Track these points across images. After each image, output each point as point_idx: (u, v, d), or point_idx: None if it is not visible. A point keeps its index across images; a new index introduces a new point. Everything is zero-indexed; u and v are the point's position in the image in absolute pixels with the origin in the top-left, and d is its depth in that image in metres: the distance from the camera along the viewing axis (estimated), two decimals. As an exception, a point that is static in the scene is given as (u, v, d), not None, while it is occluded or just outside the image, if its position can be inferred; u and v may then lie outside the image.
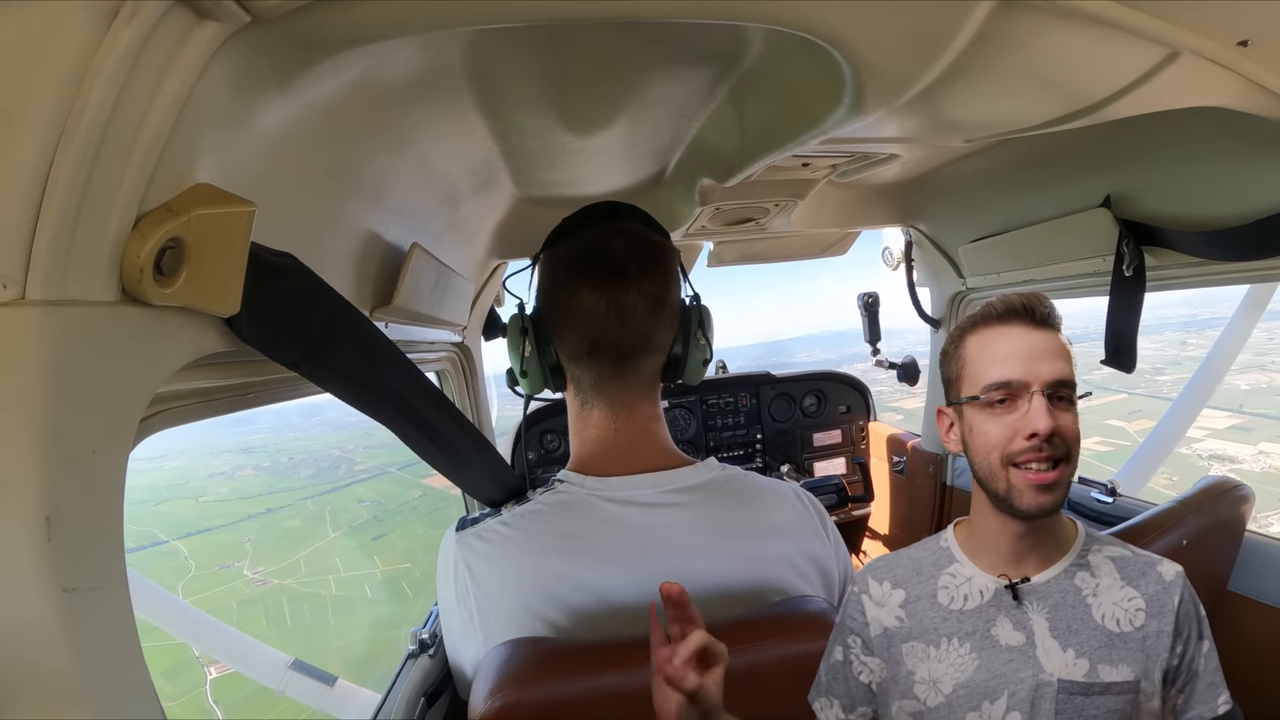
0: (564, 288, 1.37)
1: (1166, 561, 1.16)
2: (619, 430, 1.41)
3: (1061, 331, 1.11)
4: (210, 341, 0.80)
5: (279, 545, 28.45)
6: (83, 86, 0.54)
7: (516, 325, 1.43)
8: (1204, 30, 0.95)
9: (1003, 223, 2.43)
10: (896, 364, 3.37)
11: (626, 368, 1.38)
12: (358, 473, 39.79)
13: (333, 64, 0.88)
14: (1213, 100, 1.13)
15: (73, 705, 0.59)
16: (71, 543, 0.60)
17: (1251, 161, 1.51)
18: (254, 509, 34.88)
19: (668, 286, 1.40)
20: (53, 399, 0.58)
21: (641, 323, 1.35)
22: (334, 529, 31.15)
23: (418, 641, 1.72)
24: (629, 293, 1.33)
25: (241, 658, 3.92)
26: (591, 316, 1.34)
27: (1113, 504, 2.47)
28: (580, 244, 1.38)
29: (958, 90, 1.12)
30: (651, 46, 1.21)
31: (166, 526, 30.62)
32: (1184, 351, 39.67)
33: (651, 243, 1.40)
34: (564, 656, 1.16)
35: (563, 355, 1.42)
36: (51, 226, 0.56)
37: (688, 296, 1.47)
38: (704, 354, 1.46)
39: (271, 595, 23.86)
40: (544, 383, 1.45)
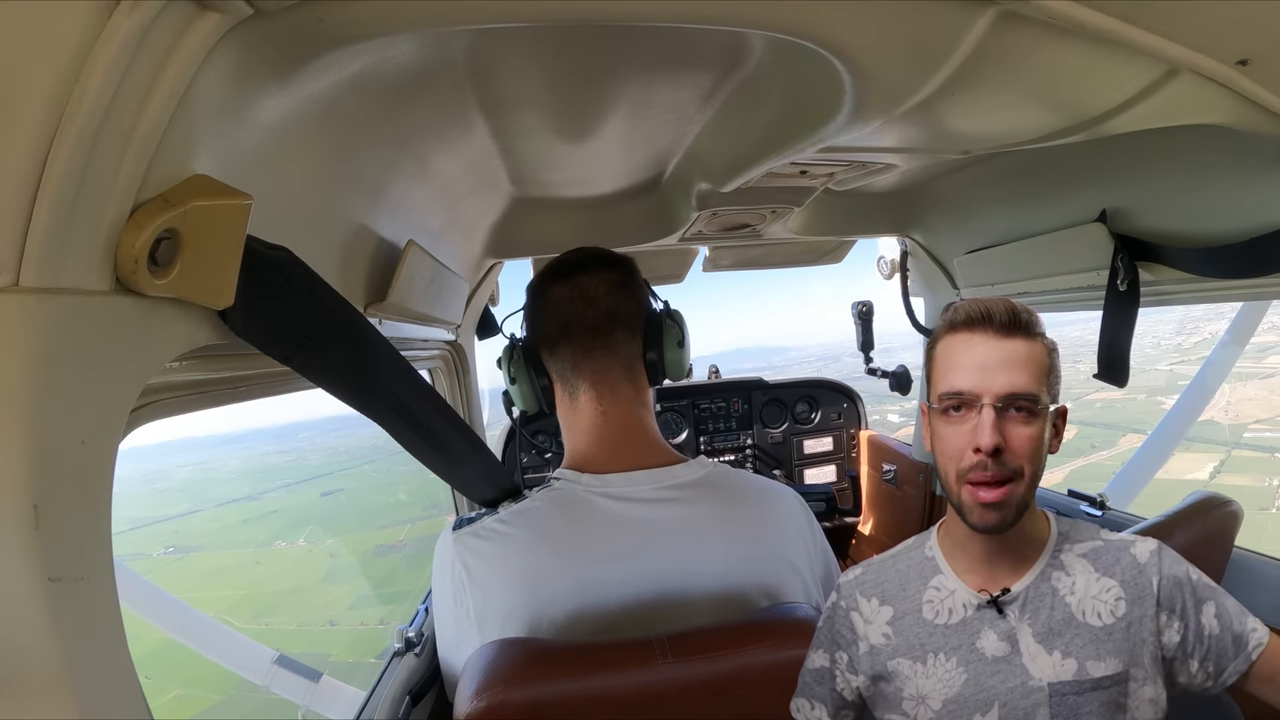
0: (540, 295, 1.53)
1: (1140, 540, 1.14)
2: (606, 413, 1.46)
3: (1035, 336, 1.08)
4: (203, 334, 0.80)
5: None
6: (82, 75, 0.54)
7: (509, 353, 1.58)
8: (1203, 48, 0.95)
9: (998, 235, 2.44)
10: (889, 372, 3.38)
11: (600, 343, 1.47)
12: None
13: (333, 59, 0.88)
14: (1211, 118, 1.13)
15: (57, 694, 0.59)
16: (58, 532, 0.59)
17: (1249, 179, 1.52)
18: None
19: (629, 276, 1.53)
20: (43, 387, 0.58)
21: (605, 299, 1.48)
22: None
23: (404, 640, 1.72)
24: (590, 278, 1.48)
25: (225, 651, 3.90)
26: (559, 301, 1.48)
27: (1102, 517, 2.48)
28: (555, 264, 1.55)
29: (957, 102, 1.12)
30: (651, 50, 1.22)
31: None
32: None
33: (614, 255, 1.56)
34: (551, 657, 1.16)
35: (544, 352, 1.51)
36: (47, 214, 0.55)
37: (658, 309, 1.58)
38: (678, 337, 1.54)
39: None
40: (536, 400, 1.56)
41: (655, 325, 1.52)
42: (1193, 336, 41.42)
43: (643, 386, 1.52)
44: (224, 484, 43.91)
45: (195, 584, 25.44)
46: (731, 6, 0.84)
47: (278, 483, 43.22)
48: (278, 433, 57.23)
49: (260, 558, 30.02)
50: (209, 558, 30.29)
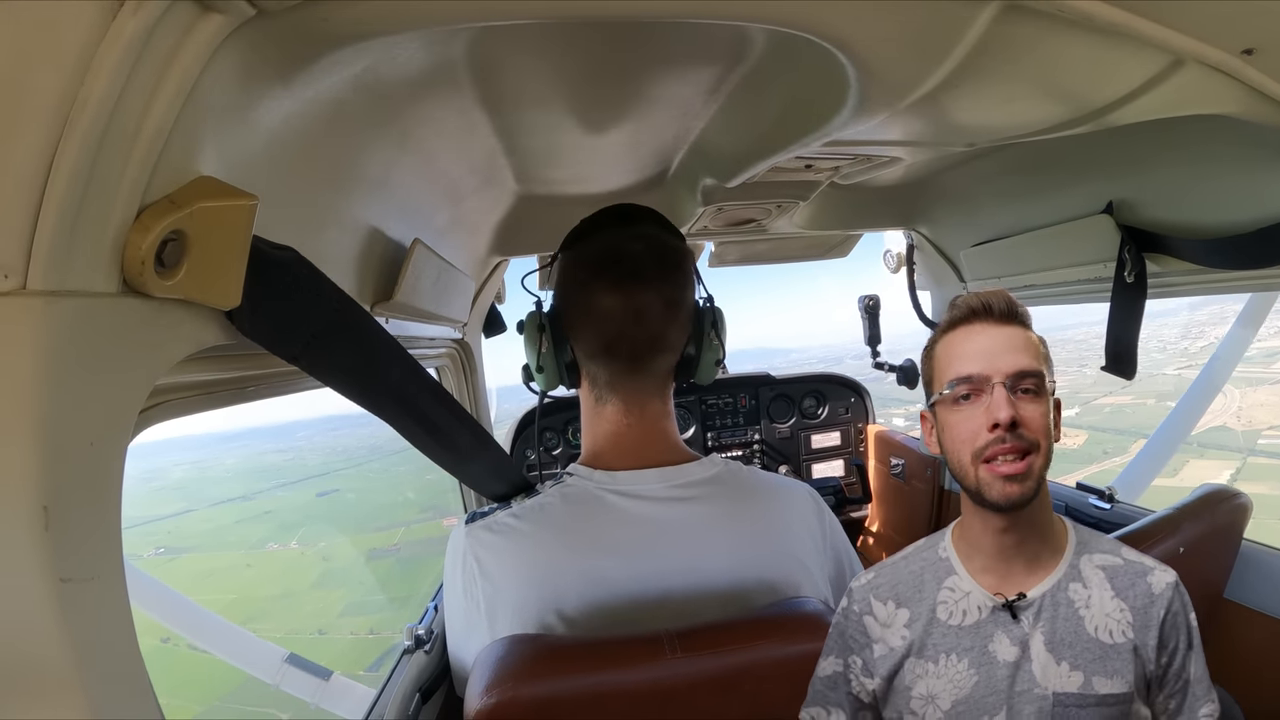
0: (583, 288, 1.39)
1: (1159, 570, 1.16)
2: (631, 426, 1.43)
3: (1028, 327, 1.13)
4: (211, 334, 0.80)
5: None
6: (87, 77, 0.54)
7: (534, 323, 1.45)
8: (1208, 39, 0.95)
9: (1005, 227, 2.43)
10: (896, 367, 3.38)
11: (641, 366, 1.41)
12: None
13: (336, 58, 0.88)
14: (1217, 108, 1.13)
15: (68, 695, 0.59)
16: (69, 533, 0.60)
17: (1255, 169, 1.51)
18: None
19: (683, 289, 1.43)
20: (52, 389, 0.58)
21: (657, 323, 1.38)
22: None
23: (414, 637, 1.72)
24: (646, 294, 1.36)
25: (236, 650, 3.91)
26: (609, 317, 1.36)
27: (1110, 510, 2.47)
28: (600, 246, 1.40)
29: (961, 94, 1.12)
30: (655, 45, 1.21)
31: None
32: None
33: (669, 246, 1.42)
34: (561, 653, 1.16)
35: (579, 352, 1.44)
36: (53, 217, 0.56)
37: (701, 299, 1.49)
38: (717, 354, 1.48)
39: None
40: (559, 379, 1.47)
41: (698, 334, 1.45)
42: (1199, 341, 41.24)
43: (670, 395, 1.48)
44: (220, 483, 43.93)
45: (185, 587, 25.33)
46: (735, 3, 0.84)
47: (273, 482, 43.23)
48: (276, 431, 57.23)
49: (252, 560, 30.01)
50: (200, 559, 30.24)
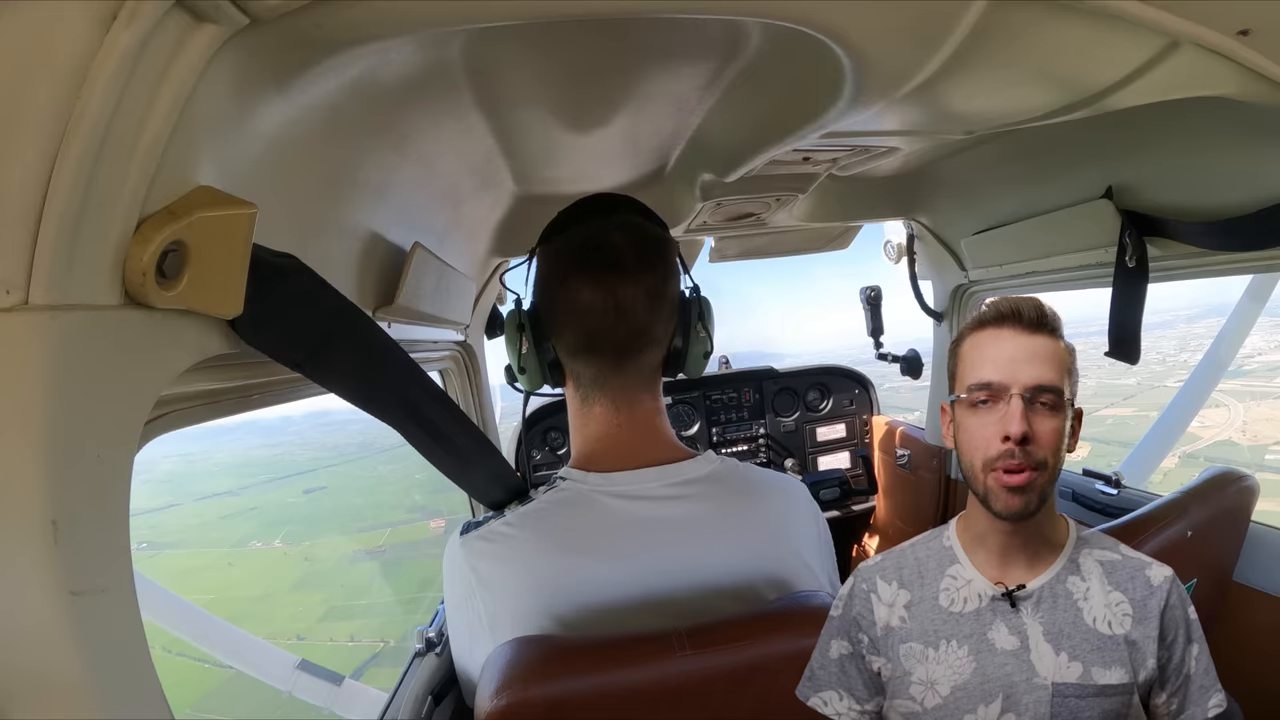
0: (562, 283, 1.35)
1: (1156, 565, 1.17)
2: (621, 425, 1.40)
3: (1059, 336, 1.12)
4: (214, 344, 0.80)
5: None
6: (82, 90, 0.54)
7: (514, 321, 1.42)
8: (1204, 20, 0.95)
9: (1005, 214, 2.43)
10: (899, 357, 3.37)
11: (626, 362, 1.37)
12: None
13: (331, 64, 0.88)
14: (1214, 90, 1.13)
15: (81, 709, 0.60)
16: (77, 546, 0.60)
17: (1254, 151, 1.51)
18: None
19: (666, 279, 1.38)
20: (57, 403, 0.58)
21: (640, 316, 1.34)
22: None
23: (424, 640, 1.73)
24: (627, 286, 1.31)
25: (248, 659, 3.93)
26: (589, 311, 1.32)
27: (1117, 495, 2.47)
28: (578, 238, 1.35)
29: (958, 82, 1.12)
30: (650, 42, 1.21)
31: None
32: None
33: (650, 235, 1.38)
34: (570, 653, 1.16)
35: (561, 351, 1.40)
36: (53, 231, 0.56)
37: (687, 289, 1.45)
38: (704, 346, 1.45)
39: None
40: (543, 379, 1.44)
41: (684, 326, 1.41)
42: (1198, 354, 40.91)
43: (659, 391, 1.45)
44: (207, 477, 43.63)
45: (165, 584, 25.23)
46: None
47: (260, 478, 43.04)
48: (267, 427, 56.86)
49: (233, 558, 29.74)
50: (181, 556, 29.92)
